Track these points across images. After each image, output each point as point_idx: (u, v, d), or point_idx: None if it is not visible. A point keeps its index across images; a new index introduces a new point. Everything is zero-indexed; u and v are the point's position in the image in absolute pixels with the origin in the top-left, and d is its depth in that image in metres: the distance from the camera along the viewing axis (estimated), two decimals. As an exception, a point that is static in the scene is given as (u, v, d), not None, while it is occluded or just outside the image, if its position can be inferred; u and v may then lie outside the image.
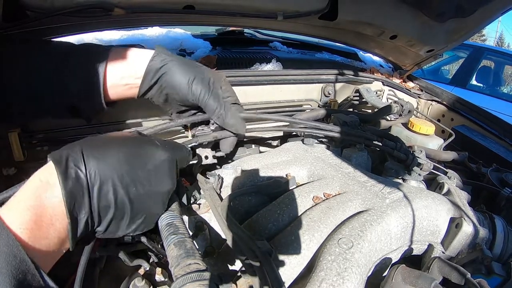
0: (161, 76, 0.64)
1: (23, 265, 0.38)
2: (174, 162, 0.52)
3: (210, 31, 1.56)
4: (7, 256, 0.37)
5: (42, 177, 0.43)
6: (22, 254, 0.38)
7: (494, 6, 1.04)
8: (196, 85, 0.64)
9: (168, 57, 0.64)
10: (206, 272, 0.44)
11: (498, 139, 1.14)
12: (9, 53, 0.60)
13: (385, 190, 0.67)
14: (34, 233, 0.40)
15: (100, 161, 0.44)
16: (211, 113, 0.67)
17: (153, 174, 0.48)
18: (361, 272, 0.50)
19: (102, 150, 0.45)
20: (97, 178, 0.44)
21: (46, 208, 0.42)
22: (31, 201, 0.41)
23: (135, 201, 0.47)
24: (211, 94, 0.65)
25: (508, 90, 6.15)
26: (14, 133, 0.68)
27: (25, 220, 0.40)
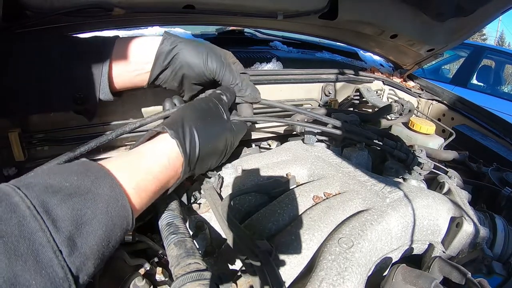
0: (174, 57, 0.65)
1: (122, 210, 0.41)
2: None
3: (210, 30, 1.56)
4: (109, 198, 0.40)
5: (171, 161, 0.52)
6: (124, 201, 0.42)
7: (494, 5, 1.04)
8: (211, 60, 0.66)
9: (177, 39, 0.65)
10: (206, 272, 0.44)
11: (499, 139, 1.14)
12: (15, 46, 0.60)
13: (386, 189, 0.67)
14: (141, 194, 0.46)
15: (205, 143, 0.56)
16: (227, 84, 0.69)
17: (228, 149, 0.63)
18: (362, 271, 0.50)
19: (207, 134, 0.56)
20: (202, 156, 0.56)
21: (165, 182, 0.51)
22: (155, 173, 0.49)
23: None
24: (227, 67, 0.68)
25: (508, 89, 6.15)
26: (15, 133, 0.68)
27: (141, 184, 0.46)
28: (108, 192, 0.40)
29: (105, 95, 0.63)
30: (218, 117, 0.61)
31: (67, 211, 0.35)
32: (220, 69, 0.67)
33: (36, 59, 0.59)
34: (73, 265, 0.34)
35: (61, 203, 0.35)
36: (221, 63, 0.67)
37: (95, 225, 0.37)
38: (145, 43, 0.65)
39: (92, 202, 0.38)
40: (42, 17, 0.70)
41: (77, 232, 0.35)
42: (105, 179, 0.41)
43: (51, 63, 0.59)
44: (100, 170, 0.42)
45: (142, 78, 0.66)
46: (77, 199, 0.37)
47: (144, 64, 0.64)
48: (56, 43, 0.61)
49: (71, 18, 0.78)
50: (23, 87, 0.60)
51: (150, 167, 0.48)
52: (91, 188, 0.39)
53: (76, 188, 0.38)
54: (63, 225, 0.34)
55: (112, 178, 0.42)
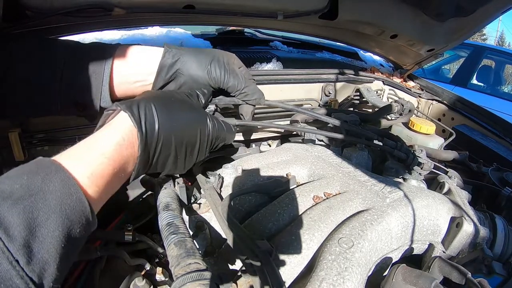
0: (177, 71, 0.64)
1: (79, 205, 0.39)
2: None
3: (210, 30, 1.56)
4: (61, 194, 0.37)
5: (125, 136, 0.48)
6: (79, 194, 0.39)
7: (494, 5, 1.04)
8: (214, 70, 0.65)
9: (179, 51, 0.65)
10: (206, 272, 0.44)
11: (499, 139, 1.14)
12: (17, 51, 0.60)
13: (386, 189, 0.67)
14: (98, 182, 0.43)
15: (167, 122, 0.51)
16: (234, 91, 0.69)
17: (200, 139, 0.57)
18: (362, 271, 0.50)
19: (168, 112, 0.52)
20: (163, 137, 0.51)
21: (123, 163, 0.47)
22: (109, 153, 0.45)
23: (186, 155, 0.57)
24: (230, 74, 0.67)
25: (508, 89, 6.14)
26: (15, 133, 0.68)
27: (96, 170, 0.43)
28: (59, 187, 0.37)
29: (106, 103, 0.63)
30: (188, 102, 0.58)
31: (19, 216, 0.33)
32: (224, 77, 0.66)
33: (38, 64, 0.59)
34: (33, 273, 0.32)
35: (12, 208, 0.33)
36: (225, 71, 0.66)
37: (50, 226, 0.35)
38: (147, 53, 0.64)
39: (44, 202, 0.36)
40: (42, 17, 0.70)
41: (32, 237, 0.33)
42: (56, 174, 0.38)
43: (53, 69, 0.59)
44: (51, 165, 0.40)
45: (144, 89, 0.65)
46: (28, 201, 0.35)
47: (146, 75, 0.64)
48: (59, 49, 0.61)
49: (71, 18, 0.77)
50: (23, 91, 0.60)
51: (103, 149, 0.45)
52: (41, 187, 0.36)
53: (26, 189, 0.36)
54: (16, 232, 0.32)
55: (64, 171, 0.39)
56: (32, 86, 0.59)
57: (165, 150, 0.52)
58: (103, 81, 0.61)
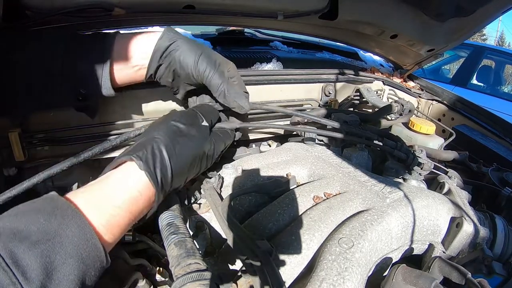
0: (169, 54, 0.63)
1: (94, 251, 0.40)
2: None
3: (210, 30, 1.56)
4: (78, 240, 0.38)
5: (143, 192, 0.49)
6: (95, 240, 0.40)
7: (494, 5, 1.04)
8: (202, 62, 0.64)
9: (176, 35, 0.64)
10: (206, 272, 0.44)
11: (499, 139, 1.14)
12: (14, 44, 0.60)
13: (386, 189, 0.67)
14: (114, 230, 0.44)
15: (178, 165, 0.53)
16: (214, 91, 0.66)
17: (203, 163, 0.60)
18: (362, 271, 0.50)
19: (178, 153, 0.53)
20: (175, 177, 0.53)
21: (138, 213, 0.49)
22: (126, 207, 0.46)
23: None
24: (216, 71, 0.64)
25: (508, 89, 6.14)
26: (15, 133, 0.68)
27: (111, 220, 0.44)
28: (77, 233, 0.38)
29: (107, 90, 0.63)
30: (193, 131, 0.57)
31: (36, 259, 0.34)
32: (208, 73, 0.64)
33: (39, 56, 0.59)
34: None
35: (29, 251, 0.34)
36: (212, 67, 0.64)
37: (66, 270, 0.36)
38: (145, 38, 0.64)
39: (61, 246, 0.37)
40: (42, 17, 0.70)
41: (49, 280, 0.34)
42: (73, 219, 0.39)
43: (54, 59, 0.59)
44: (68, 207, 0.40)
45: (142, 73, 0.65)
46: (45, 245, 0.35)
47: (144, 59, 0.64)
48: (59, 39, 0.61)
49: (71, 18, 0.77)
50: (24, 84, 0.60)
51: (120, 201, 0.46)
52: (58, 231, 0.37)
53: (43, 232, 0.36)
54: (34, 275, 0.33)
55: (81, 216, 0.40)
56: (33, 76, 0.59)
57: (176, 184, 0.55)
58: (103, 68, 0.61)
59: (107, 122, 0.79)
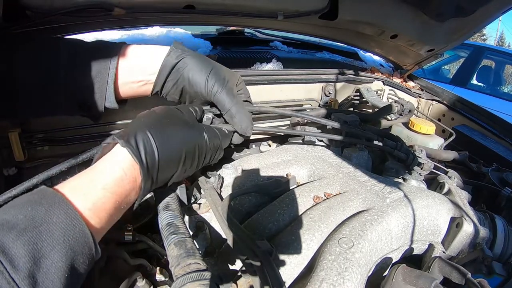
0: (177, 71, 0.63)
1: (81, 236, 0.39)
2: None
3: (210, 30, 1.56)
4: (65, 226, 0.38)
5: (127, 171, 0.47)
6: (82, 225, 0.40)
7: (494, 5, 1.04)
8: (211, 80, 0.64)
9: (184, 52, 0.64)
10: (206, 272, 0.44)
11: (499, 139, 1.14)
12: (20, 50, 0.59)
13: (386, 189, 0.67)
14: (100, 214, 0.44)
15: (165, 149, 0.51)
16: (222, 108, 0.66)
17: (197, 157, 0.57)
18: (362, 271, 0.50)
19: (165, 138, 0.51)
20: (163, 163, 0.51)
21: (124, 196, 0.47)
22: (111, 188, 0.45)
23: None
24: (224, 89, 0.65)
25: (508, 89, 6.15)
26: (15, 133, 0.68)
27: (97, 203, 0.43)
28: (63, 219, 0.38)
29: (110, 103, 0.63)
30: (181, 119, 0.56)
31: (24, 247, 0.34)
32: (217, 90, 0.64)
33: (42, 64, 0.59)
34: None
35: (17, 239, 0.34)
36: (220, 84, 0.64)
37: (54, 257, 0.36)
38: (151, 52, 0.64)
39: (48, 233, 0.36)
40: (42, 17, 0.70)
41: (37, 268, 0.34)
42: (59, 205, 0.39)
43: (57, 69, 0.59)
44: (55, 196, 0.40)
45: (147, 88, 0.65)
46: (32, 233, 0.35)
47: (150, 75, 0.63)
48: (63, 48, 0.60)
49: (71, 18, 0.77)
50: (27, 90, 0.59)
51: (105, 183, 0.45)
52: (45, 218, 0.37)
53: (30, 220, 0.36)
54: (21, 263, 0.33)
55: (67, 203, 0.40)
56: (36, 86, 0.59)
57: (166, 173, 0.53)
58: (107, 81, 0.60)
59: (107, 122, 0.79)
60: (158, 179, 0.52)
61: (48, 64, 0.59)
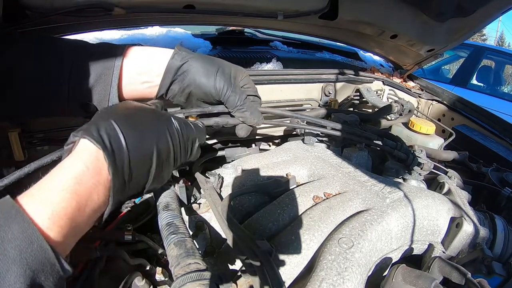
0: (182, 74, 0.63)
1: (40, 253, 0.35)
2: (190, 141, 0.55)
3: (210, 30, 1.56)
4: (21, 243, 0.33)
5: (89, 164, 0.42)
6: (40, 241, 0.35)
7: (494, 5, 1.04)
8: (219, 80, 0.64)
9: (188, 55, 0.64)
10: (206, 272, 0.44)
11: (499, 139, 1.14)
12: (22, 51, 0.59)
13: (386, 189, 0.67)
14: (61, 222, 0.38)
15: (132, 134, 0.45)
16: (232, 107, 0.66)
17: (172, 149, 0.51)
18: (362, 271, 0.50)
19: (131, 123, 0.46)
20: (133, 151, 0.45)
21: (88, 195, 0.41)
22: (71, 187, 0.39)
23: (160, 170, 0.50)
24: (233, 88, 0.65)
25: (508, 89, 6.15)
26: (15, 132, 0.68)
27: (56, 208, 0.38)
28: (18, 235, 0.33)
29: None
30: (146, 108, 0.52)
31: None
32: (226, 90, 0.64)
33: (45, 65, 0.58)
34: None
35: None
36: (229, 84, 0.64)
37: (10, 278, 0.32)
38: (156, 55, 0.64)
39: (2, 252, 0.32)
40: (42, 17, 0.70)
41: None
42: (15, 219, 0.34)
43: (61, 70, 0.58)
44: (12, 207, 0.35)
45: (151, 91, 0.65)
46: None
47: (154, 77, 0.63)
48: (67, 49, 0.60)
49: (71, 18, 0.78)
50: (31, 92, 0.59)
51: (63, 183, 0.39)
52: (0, 235, 0.33)
53: None
54: None
55: (23, 215, 0.35)
56: (40, 87, 0.59)
57: (140, 164, 0.46)
58: (111, 82, 0.60)
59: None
60: (131, 175, 0.45)
61: (52, 65, 0.59)
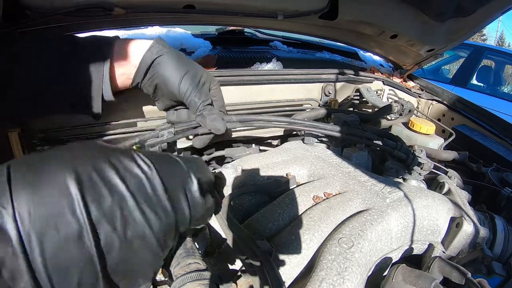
0: (154, 66, 0.63)
1: None
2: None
3: (210, 30, 1.56)
4: None
5: None
6: None
7: (494, 5, 1.04)
8: (186, 81, 0.63)
9: (165, 49, 0.64)
10: (206, 272, 0.44)
11: (499, 139, 1.14)
12: (22, 51, 0.60)
13: (386, 189, 0.67)
14: None
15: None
16: (194, 110, 0.66)
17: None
18: (362, 271, 0.50)
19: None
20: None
21: None
22: None
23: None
24: (198, 91, 0.65)
25: (508, 89, 6.15)
26: (15, 132, 0.68)
27: None
28: None
29: (109, 97, 0.63)
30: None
31: None
32: (191, 92, 0.64)
33: (38, 63, 0.59)
34: None
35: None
36: (194, 86, 0.64)
37: None
38: (136, 47, 0.64)
39: None
40: (42, 17, 0.70)
41: None
42: None
43: (54, 67, 0.59)
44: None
45: (129, 82, 0.66)
46: None
47: (132, 68, 0.64)
48: (57, 47, 0.60)
49: (71, 18, 0.78)
50: (30, 92, 0.59)
51: None
52: None
53: None
54: None
55: None
56: (40, 87, 0.59)
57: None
58: (103, 75, 0.61)
59: (107, 122, 0.79)
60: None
61: (45, 64, 0.59)
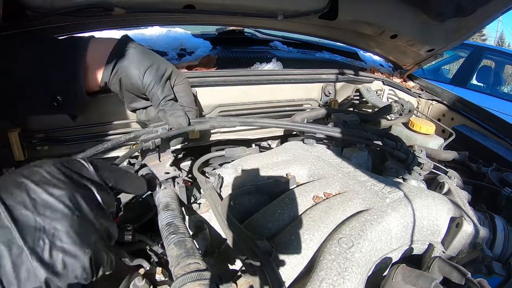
0: (118, 62, 0.63)
1: None
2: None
3: (210, 30, 1.56)
4: None
5: None
6: None
7: (494, 5, 1.04)
8: (148, 75, 0.63)
9: (130, 44, 0.64)
10: (206, 272, 0.44)
11: (498, 139, 1.14)
12: (22, 51, 0.60)
13: (386, 189, 0.67)
14: None
15: None
16: (155, 106, 0.66)
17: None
18: (362, 271, 0.50)
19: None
20: None
21: None
22: None
23: None
24: (160, 86, 0.64)
25: (508, 89, 6.15)
26: (15, 132, 0.68)
27: None
28: None
29: (81, 95, 0.64)
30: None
31: None
32: (153, 86, 0.63)
33: (45, 65, 0.60)
34: None
35: None
36: (157, 80, 0.63)
37: None
38: (106, 46, 0.64)
39: None
40: (42, 17, 0.70)
41: None
42: None
43: (28, 68, 0.59)
44: None
45: (98, 81, 0.66)
46: None
47: (101, 66, 0.64)
48: (33, 46, 0.61)
49: (71, 18, 0.77)
50: (30, 92, 0.61)
51: None
52: None
53: None
54: None
55: None
56: (39, 87, 0.60)
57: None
58: (77, 73, 0.61)
59: (106, 122, 0.79)
60: None
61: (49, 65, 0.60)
